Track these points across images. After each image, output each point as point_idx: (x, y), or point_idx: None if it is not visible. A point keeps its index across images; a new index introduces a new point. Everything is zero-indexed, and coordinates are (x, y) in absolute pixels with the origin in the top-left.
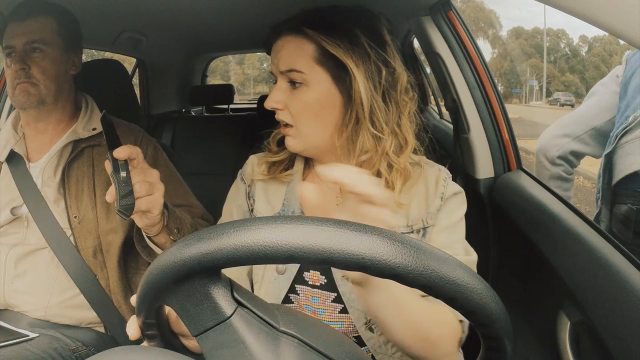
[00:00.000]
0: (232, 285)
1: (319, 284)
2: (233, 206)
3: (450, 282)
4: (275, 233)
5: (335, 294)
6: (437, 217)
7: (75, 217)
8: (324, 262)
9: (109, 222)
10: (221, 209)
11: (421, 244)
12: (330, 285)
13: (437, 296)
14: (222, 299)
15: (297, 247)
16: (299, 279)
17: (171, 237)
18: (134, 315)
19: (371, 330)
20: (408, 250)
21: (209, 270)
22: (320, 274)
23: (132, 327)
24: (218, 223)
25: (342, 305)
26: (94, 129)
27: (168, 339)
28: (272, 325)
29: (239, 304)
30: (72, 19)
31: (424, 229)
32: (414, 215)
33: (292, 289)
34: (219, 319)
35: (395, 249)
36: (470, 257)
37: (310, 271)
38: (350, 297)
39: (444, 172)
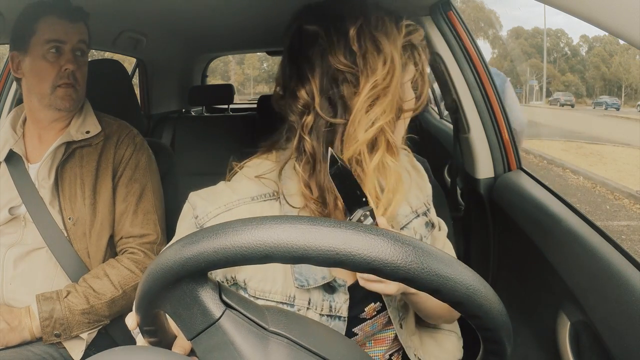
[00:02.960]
0: (220, 288)
1: (375, 313)
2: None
3: (464, 286)
4: (268, 233)
5: (381, 304)
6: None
7: (69, 218)
8: (317, 261)
9: (96, 223)
10: None
11: (430, 247)
12: (383, 307)
13: (444, 300)
14: (210, 302)
15: (308, 248)
16: (355, 322)
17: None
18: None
19: (401, 326)
20: (416, 253)
21: (194, 274)
22: (374, 302)
23: (131, 319)
24: None
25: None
26: (87, 132)
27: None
28: (261, 326)
29: (227, 306)
30: None
31: (428, 209)
32: (414, 202)
33: (348, 334)
34: (209, 322)
35: (403, 252)
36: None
37: (366, 308)
38: (389, 301)
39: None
